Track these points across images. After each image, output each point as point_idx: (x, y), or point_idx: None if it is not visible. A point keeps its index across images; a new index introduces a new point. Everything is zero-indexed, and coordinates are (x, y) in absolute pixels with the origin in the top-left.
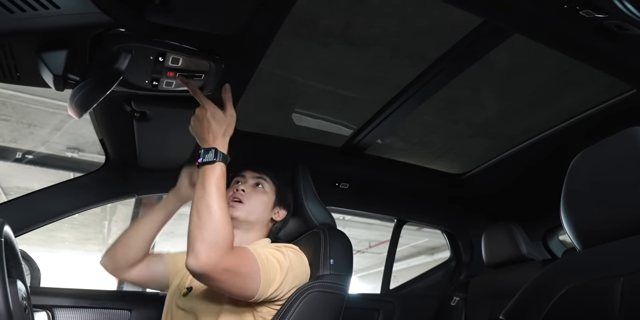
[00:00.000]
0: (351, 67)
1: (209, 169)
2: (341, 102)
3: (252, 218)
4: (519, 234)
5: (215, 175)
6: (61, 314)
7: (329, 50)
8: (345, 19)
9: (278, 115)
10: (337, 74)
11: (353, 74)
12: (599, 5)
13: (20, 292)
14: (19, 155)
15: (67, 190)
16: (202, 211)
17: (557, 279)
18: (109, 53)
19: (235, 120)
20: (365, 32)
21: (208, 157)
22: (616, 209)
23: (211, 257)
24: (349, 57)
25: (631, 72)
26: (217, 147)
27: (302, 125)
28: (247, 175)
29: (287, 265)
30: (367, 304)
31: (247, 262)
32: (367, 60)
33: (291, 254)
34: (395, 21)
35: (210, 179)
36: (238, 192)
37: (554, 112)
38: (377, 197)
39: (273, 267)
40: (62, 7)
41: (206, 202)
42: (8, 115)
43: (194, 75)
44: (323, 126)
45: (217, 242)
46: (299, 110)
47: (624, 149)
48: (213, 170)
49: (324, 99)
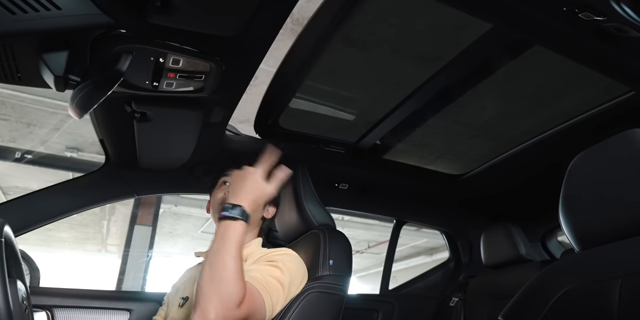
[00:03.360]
0: (352, 68)
1: (232, 225)
2: (341, 103)
3: None
4: (518, 235)
5: (238, 232)
6: (61, 314)
7: (329, 50)
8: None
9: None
10: (338, 74)
11: (354, 75)
12: (597, 8)
13: (20, 292)
14: (18, 155)
15: (66, 190)
16: (217, 266)
17: (555, 280)
18: (109, 54)
19: (268, 197)
20: (367, 33)
21: (234, 212)
22: (614, 210)
23: (219, 314)
24: (350, 58)
25: (630, 74)
26: (245, 207)
27: (302, 125)
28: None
29: (287, 280)
30: (366, 304)
31: (253, 303)
32: (368, 61)
33: (289, 264)
34: (396, 22)
35: (233, 235)
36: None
37: (553, 113)
38: (377, 197)
39: (275, 290)
40: (63, 8)
41: (223, 257)
42: (7, 115)
43: (195, 76)
44: (323, 127)
45: (228, 300)
46: (299, 110)
47: (623, 150)
48: (236, 227)
49: (323, 99)
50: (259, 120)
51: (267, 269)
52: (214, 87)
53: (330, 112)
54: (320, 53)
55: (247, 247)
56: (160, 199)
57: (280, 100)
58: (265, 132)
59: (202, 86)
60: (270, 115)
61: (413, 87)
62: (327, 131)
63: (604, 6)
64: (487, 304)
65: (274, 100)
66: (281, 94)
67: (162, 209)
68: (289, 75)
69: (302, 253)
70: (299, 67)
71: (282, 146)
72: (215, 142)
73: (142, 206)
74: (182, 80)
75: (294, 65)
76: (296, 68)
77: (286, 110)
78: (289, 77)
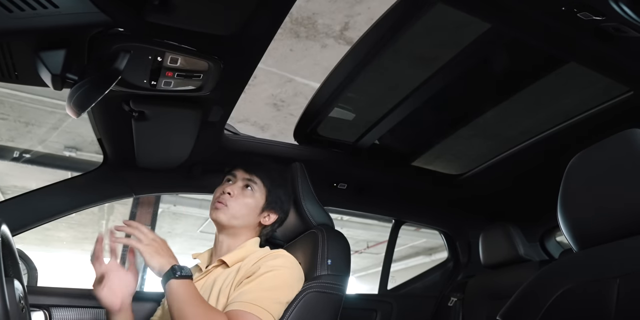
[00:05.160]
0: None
1: (188, 282)
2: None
3: (236, 222)
4: (517, 235)
5: (194, 286)
6: (58, 313)
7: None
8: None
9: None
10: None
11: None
12: (596, 8)
13: (18, 292)
14: (17, 154)
15: (64, 189)
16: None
17: (553, 280)
18: (107, 53)
19: None
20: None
21: (185, 271)
22: (613, 210)
23: None
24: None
25: (628, 74)
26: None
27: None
28: (239, 175)
29: (283, 286)
30: (365, 304)
31: None
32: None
33: (283, 270)
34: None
35: (194, 290)
36: (224, 194)
37: (551, 113)
38: (375, 197)
39: (272, 302)
40: (60, 7)
41: (190, 308)
42: (5, 114)
43: (193, 75)
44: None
45: None
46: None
47: (621, 150)
48: (190, 283)
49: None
50: (299, 128)
51: (259, 282)
52: (212, 86)
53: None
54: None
55: (242, 247)
56: (159, 198)
57: (322, 111)
58: (304, 139)
59: (200, 85)
60: (310, 124)
61: (412, 87)
62: (323, 129)
63: (602, 6)
64: (485, 303)
65: (316, 110)
66: (324, 106)
67: (160, 209)
68: (332, 89)
69: (300, 253)
70: (342, 82)
71: None
72: (214, 141)
73: (140, 206)
74: (180, 79)
75: (338, 80)
76: (339, 82)
77: (327, 119)
78: (332, 90)
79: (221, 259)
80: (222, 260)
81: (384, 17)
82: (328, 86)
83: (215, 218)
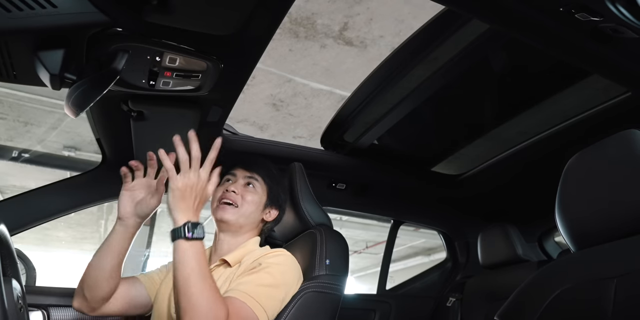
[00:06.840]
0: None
1: (199, 245)
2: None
3: (242, 221)
4: (515, 235)
5: (203, 251)
6: (56, 313)
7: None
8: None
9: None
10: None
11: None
12: (594, 9)
13: (16, 291)
14: (16, 154)
15: (63, 189)
16: (189, 291)
17: (551, 280)
18: (106, 52)
19: (207, 198)
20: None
21: (198, 232)
22: (610, 210)
23: None
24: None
25: (626, 74)
26: (199, 222)
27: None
28: (239, 174)
29: (280, 284)
30: (363, 304)
31: (242, 319)
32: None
33: (282, 268)
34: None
35: (202, 257)
36: (228, 193)
37: (550, 114)
38: (374, 197)
39: (268, 298)
40: (59, 7)
41: (193, 281)
42: (4, 114)
43: (191, 75)
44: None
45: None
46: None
47: (619, 151)
48: (201, 246)
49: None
50: (327, 134)
51: (258, 277)
52: (211, 86)
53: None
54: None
55: (243, 247)
56: None
57: (351, 119)
58: (329, 145)
59: (199, 85)
60: (338, 131)
61: (411, 87)
62: (322, 129)
63: (600, 7)
64: (484, 304)
65: (345, 118)
66: (352, 113)
67: (160, 208)
68: (361, 99)
69: (298, 253)
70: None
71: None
72: (213, 141)
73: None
74: (178, 79)
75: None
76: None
77: (353, 126)
78: (361, 99)
79: (223, 259)
80: (224, 259)
81: (419, 32)
82: (357, 96)
83: (221, 218)
